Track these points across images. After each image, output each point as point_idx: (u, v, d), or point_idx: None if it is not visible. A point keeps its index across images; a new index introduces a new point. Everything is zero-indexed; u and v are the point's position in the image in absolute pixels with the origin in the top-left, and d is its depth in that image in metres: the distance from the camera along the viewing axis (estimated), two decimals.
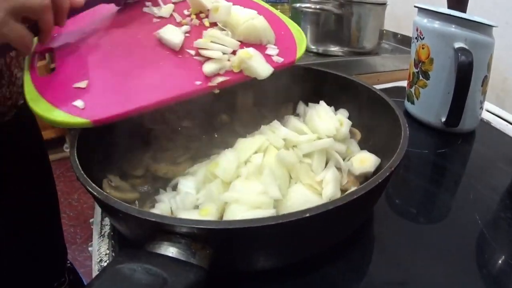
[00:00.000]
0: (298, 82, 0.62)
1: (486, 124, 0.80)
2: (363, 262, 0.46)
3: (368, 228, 0.51)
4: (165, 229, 0.33)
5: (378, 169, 0.52)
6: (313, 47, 0.97)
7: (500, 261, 0.47)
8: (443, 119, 0.70)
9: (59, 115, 0.42)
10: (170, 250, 0.32)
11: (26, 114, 0.73)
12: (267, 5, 0.66)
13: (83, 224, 1.71)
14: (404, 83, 0.84)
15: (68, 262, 1.18)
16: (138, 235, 0.40)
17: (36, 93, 0.44)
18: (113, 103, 0.44)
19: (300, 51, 0.58)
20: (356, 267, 0.45)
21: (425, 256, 0.47)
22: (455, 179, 0.63)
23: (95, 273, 0.44)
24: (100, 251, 0.47)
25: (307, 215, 0.33)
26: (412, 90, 0.76)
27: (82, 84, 0.45)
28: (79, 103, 0.43)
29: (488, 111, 0.85)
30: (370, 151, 0.56)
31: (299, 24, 0.96)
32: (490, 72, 0.70)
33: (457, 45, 0.66)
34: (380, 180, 0.38)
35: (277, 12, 0.66)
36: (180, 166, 0.56)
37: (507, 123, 0.80)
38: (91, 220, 0.57)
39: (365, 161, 0.52)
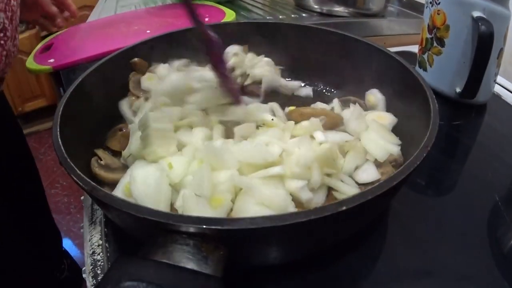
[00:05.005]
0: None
1: (497, 97, 0.75)
2: (381, 244, 0.43)
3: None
4: (168, 229, 0.28)
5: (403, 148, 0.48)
6: (316, 6, 0.90)
7: None
8: (458, 89, 0.66)
9: (36, 66, 0.74)
10: (177, 256, 0.27)
11: None
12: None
13: (77, 193, 1.65)
14: (411, 48, 0.79)
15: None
16: (136, 233, 0.34)
17: (32, 61, 0.76)
18: (68, 57, 0.74)
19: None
20: (376, 252, 0.42)
21: (443, 237, 0.44)
22: (472, 153, 0.60)
23: (88, 267, 0.38)
24: (92, 241, 0.41)
25: (344, 208, 0.28)
26: (425, 56, 0.71)
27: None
28: (51, 60, 0.74)
29: (497, 83, 0.81)
30: None
31: None
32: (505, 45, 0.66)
33: (476, 14, 0.61)
34: (418, 162, 0.35)
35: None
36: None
37: None
38: (82, 198, 0.51)
39: (382, 118, 0.52)
